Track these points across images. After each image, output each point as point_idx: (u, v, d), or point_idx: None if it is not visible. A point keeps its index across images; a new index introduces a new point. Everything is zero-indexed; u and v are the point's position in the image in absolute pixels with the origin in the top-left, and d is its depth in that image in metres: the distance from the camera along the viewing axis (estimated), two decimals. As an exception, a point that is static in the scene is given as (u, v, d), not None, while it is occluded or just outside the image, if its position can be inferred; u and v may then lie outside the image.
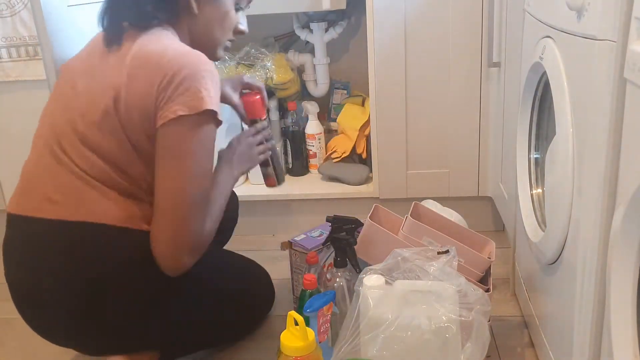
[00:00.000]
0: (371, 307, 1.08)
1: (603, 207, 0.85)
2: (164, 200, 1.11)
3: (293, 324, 0.98)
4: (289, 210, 1.98)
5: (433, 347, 1.03)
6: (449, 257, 1.16)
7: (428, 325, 1.03)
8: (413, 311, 1.05)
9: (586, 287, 0.90)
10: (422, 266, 1.14)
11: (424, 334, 1.03)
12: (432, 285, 1.10)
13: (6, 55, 1.82)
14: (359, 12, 2.06)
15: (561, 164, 0.96)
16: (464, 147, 1.82)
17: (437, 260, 1.15)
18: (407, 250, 1.18)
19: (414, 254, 1.17)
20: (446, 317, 1.04)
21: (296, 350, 0.97)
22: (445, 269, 1.13)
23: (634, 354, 0.79)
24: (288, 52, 2.12)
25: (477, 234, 1.43)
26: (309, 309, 1.18)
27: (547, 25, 1.05)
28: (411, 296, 1.08)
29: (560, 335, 1.05)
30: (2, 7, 1.77)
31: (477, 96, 1.77)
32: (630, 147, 0.77)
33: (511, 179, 1.43)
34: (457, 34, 1.72)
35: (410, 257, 1.16)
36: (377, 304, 1.08)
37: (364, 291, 1.11)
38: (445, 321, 1.04)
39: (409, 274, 1.14)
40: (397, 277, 1.14)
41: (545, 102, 1.21)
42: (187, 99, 1.06)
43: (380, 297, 1.09)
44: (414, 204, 1.47)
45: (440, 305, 1.05)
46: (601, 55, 0.81)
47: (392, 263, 1.17)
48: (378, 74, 1.78)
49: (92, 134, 1.11)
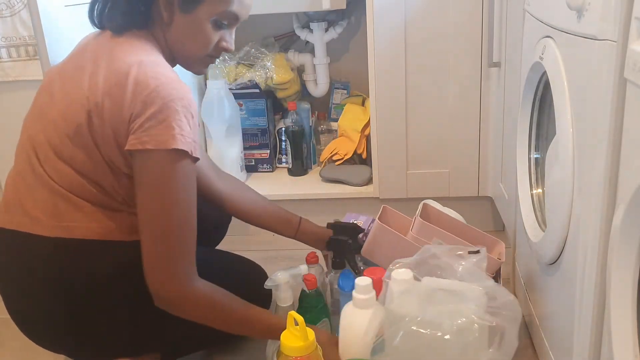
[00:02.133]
0: (394, 300, 1.05)
1: (603, 207, 0.84)
2: (143, 227, 1.06)
3: (293, 324, 0.98)
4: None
5: (453, 348, 1.00)
6: (479, 258, 1.12)
7: (450, 326, 1.00)
8: (437, 309, 1.02)
9: (586, 287, 0.90)
10: (451, 265, 1.11)
11: (444, 334, 0.99)
12: (459, 285, 1.06)
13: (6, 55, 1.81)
14: (359, 12, 2.06)
15: (561, 164, 0.96)
16: (464, 147, 1.82)
17: (466, 260, 1.12)
18: (439, 247, 1.16)
19: (444, 252, 1.14)
20: (469, 319, 1.00)
21: (296, 350, 0.97)
22: (474, 270, 1.09)
23: (634, 354, 0.79)
24: (288, 52, 2.12)
25: (486, 234, 1.42)
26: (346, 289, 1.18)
27: (547, 25, 1.05)
28: (437, 294, 1.04)
29: (560, 335, 1.04)
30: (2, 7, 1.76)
31: (477, 96, 1.77)
32: (630, 146, 0.77)
33: (511, 179, 1.42)
34: (457, 34, 1.72)
35: (440, 254, 1.13)
36: (401, 297, 1.05)
37: (390, 284, 1.08)
38: (467, 323, 1.00)
39: (437, 271, 1.11)
40: (425, 273, 1.11)
41: (545, 102, 1.21)
42: (157, 133, 1.01)
43: (405, 291, 1.06)
44: (422, 204, 1.46)
45: (465, 307, 1.02)
46: (601, 55, 0.81)
47: (421, 258, 1.14)
48: (378, 74, 1.78)
49: (65, 147, 1.08)
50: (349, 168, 2.03)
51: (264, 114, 2.12)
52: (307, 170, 2.13)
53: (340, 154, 2.04)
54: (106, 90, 1.04)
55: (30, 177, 1.12)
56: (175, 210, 1.06)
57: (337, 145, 2.06)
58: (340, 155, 2.04)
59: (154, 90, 1.02)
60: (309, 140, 2.13)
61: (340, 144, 2.06)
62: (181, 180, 1.05)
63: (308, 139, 2.12)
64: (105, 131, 1.05)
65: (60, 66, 1.18)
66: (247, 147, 2.14)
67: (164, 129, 1.01)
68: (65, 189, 1.10)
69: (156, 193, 1.04)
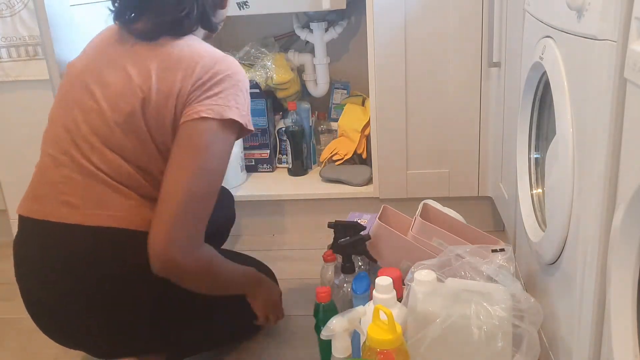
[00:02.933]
0: (419, 303, 1.04)
1: (603, 207, 0.84)
2: (170, 187, 1.09)
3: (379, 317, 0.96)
4: (289, 211, 1.98)
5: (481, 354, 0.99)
6: (506, 257, 1.10)
7: (478, 331, 0.98)
8: (463, 313, 1.00)
9: (586, 287, 0.90)
10: (477, 266, 1.09)
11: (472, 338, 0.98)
12: (485, 286, 1.04)
13: (6, 55, 1.82)
14: (359, 12, 2.06)
15: (561, 164, 0.96)
16: (464, 147, 1.82)
17: (491, 260, 1.10)
18: (461, 247, 1.15)
19: (467, 252, 1.13)
20: (499, 322, 0.98)
21: (383, 343, 0.95)
22: (502, 271, 1.07)
23: (634, 354, 0.79)
24: (288, 52, 2.12)
25: (487, 234, 1.42)
26: (359, 292, 1.17)
27: (547, 25, 1.05)
28: (462, 296, 1.03)
29: (560, 335, 1.04)
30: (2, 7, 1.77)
31: (477, 96, 1.77)
32: (630, 147, 0.77)
33: (511, 179, 1.42)
34: (457, 34, 1.72)
35: (464, 254, 1.12)
36: (425, 299, 1.04)
37: (414, 286, 1.07)
38: (497, 328, 0.98)
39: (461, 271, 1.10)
40: (448, 275, 1.10)
41: (545, 102, 1.21)
42: (215, 103, 1.07)
43: (430, 293, 1.04)
44: (422, 204, 1.46)
45: (492, 310, 1.00)
46: (601, 55, 0.81)
47: (445, 259, 1.13)
48: (378, 74, 1.78)
49: (114, 136, 1.10)
50: (349, 168, 2.03)
51: (264, 114, 2.12)
52: (307, 170, 2.13)
53: (340, 154, 2.04)
54: (160, 75, 1.08)
55: (69, 168, 1.12)
56: (213, 176, 1.11)
57: (337, 145, 2.06)
58: (340, 155, 2.04)
59: (210, 64, 1.08)
60: (309, 140, 2.13)
61: (340, 144, 2.06)
62: (226, 149, 1.12)
63: (308, 139, 2.12)
64: (159, 115, 1.09)
65: (86, 60, 1.19)
66: (247, 147, 2.14)
67: (222, 99, 1.07)
68: (113, 178, 1.11)
69: (199, 156, 1.08)
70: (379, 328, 0.96)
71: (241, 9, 1.86)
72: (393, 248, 1.30)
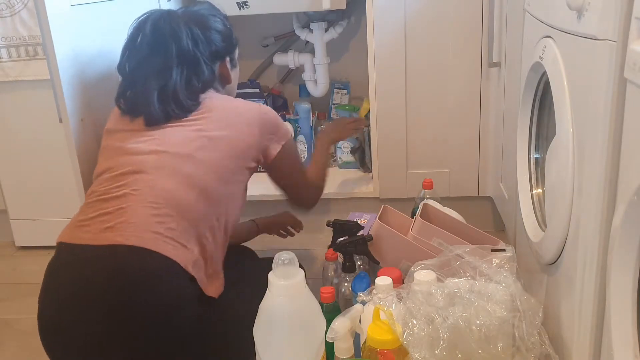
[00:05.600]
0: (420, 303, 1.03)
1: (603, 207, 0.84)
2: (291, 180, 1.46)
3: (379, 317, 0.96)
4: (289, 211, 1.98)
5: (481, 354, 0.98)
6: (506, 257, 1.10)
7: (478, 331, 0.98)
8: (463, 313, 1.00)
9: (586, 287, 0.90)
10: (477, 266, 1.09)
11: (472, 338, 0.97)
12: (485, 286, 1.04)
13: (6, 55, 1.82)
14: (359, 12, 2.06)
15: (561, 164, 0.96)
16: (464, 147, 1.82)
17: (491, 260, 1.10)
18: (461, 247, 1.15)
19: (467, 252, 1.12)
20: (499, 323, 0.98)
21: (383, 343, 0.95)
22: (502, 271, 1.07)
23: (634, 354, 0.79)
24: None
25: (487, 235, 1.41)
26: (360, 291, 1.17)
27: (547, 25, 1.05)
28: (462, 296, 1.02)
29: (560, 335, 1.04)
30: (2, 7, 1.77)
31: (477, 96, 1.77)
32: (630, 146, 0.77)
33: (511, 179, 1.42)
34: (457, 34, 1.72)
35: (464, 254, 1.12)
36: (425, 299, 1.04)
37: (413, 285, 1.07)
38: (497, 328, 0.98)
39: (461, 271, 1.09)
40: (448, 275, 1.09)
41: (546, 102, 1.21)
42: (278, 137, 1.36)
43: (430, 293, 1.04)
44: (422, 204, 1.46)
45: (492, 310, 0.99)
46: (601, 55, 0.81)
47: (445, 259, 1.13)
48: (378, 74, 1.78)
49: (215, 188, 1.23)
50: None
51: (264, 114, 2.11)
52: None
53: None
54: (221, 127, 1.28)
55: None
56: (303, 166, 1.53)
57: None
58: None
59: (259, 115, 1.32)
60: (309, 140, 2.13)
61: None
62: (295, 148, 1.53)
63: (308, 139, 2.12)
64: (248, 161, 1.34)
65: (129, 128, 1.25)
66: (247, 147, 2.14)
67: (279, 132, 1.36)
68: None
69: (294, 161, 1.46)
70: (379, 328, 0.96)
71: (241, 9, 1.86)
72: (393, 248, 1.30)
